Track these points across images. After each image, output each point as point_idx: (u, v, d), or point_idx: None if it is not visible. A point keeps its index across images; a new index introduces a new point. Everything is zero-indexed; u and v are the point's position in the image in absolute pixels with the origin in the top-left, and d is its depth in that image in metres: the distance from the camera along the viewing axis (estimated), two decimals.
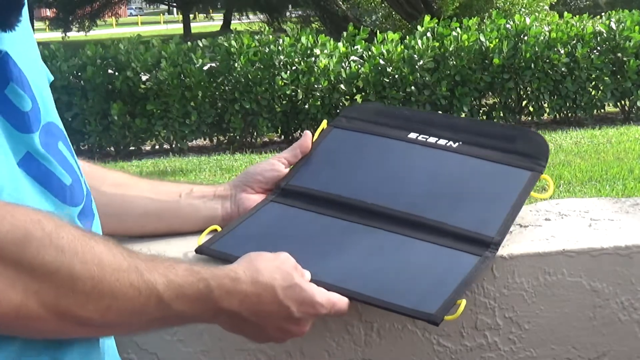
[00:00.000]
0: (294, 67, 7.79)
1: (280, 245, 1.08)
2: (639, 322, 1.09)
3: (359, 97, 7.90)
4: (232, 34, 8.14)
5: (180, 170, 6.82)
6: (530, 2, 12.70)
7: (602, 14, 8.78)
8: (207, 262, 1.06)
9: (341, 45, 8.00)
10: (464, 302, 0.95)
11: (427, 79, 7.85)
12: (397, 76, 7.82)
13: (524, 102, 8.33)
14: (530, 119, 8.35)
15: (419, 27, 8.15)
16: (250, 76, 7.68)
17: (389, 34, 8.14)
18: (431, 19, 8.33)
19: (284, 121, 8.01)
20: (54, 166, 0.85)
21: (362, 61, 7.97)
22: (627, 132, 7.49)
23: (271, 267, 0.91)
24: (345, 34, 8.20)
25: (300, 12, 21.57)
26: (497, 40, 7.93)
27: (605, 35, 8.10)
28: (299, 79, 7.72)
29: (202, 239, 1.09)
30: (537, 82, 7.97)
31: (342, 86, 7.81)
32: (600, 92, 8.12)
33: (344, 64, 7.87)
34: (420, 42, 7.89)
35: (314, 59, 7.81)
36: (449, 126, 1.23)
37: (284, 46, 7.83)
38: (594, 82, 8.14)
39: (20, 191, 0.79)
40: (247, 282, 0.87)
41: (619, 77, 8.12)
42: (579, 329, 1.09)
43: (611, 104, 8.47)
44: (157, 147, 8.14)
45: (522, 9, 12.36)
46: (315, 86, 7.75)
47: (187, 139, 7.93)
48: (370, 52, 7.92)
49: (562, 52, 7.93)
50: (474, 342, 1.08)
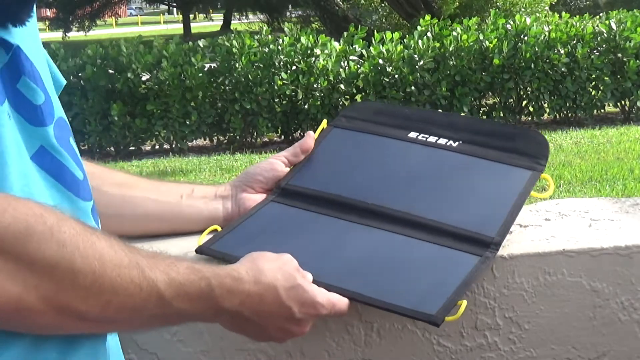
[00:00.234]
0: (294, 67, 7.79)
1: (280, 245, 1.08)
2: (639, 322, 1.09)
3: (358, 97, 7.89)
4: (233, 34, 8.14)
5: (180, 170, 6.81)
6: (530, 2, 12.68)
7: (601, 14, 8.77)
8: (208, 261, 1.06)
9: (337, 44, 7.99)
10: (464, 303, 0.95)
11: (427, 79, 7.85)
12: (397, 76, 7.82)
13: (524, 102, 8.32)
14: (530, 119, 8.35)
15: (418, 27, 8.14)
16: (250, 76, 7.68)
17: (388, 33, 8.13)
18: (431, 19, 8.32)
19: (284, 121, 8.01)
20: (67, 160, 0.84)
21: (361, 61, 7.97)
22: (627, 132, 7.49)
23: (274, 268, 0.91)
24: (345, 34, 8.19)
25: (300, 12, 21.56)
26: (496, 40, 7.92)
27: (605, 35, 8.09)
28: (298, 79, 7.72)
29: (202, 239, 1.09)
30: (537, 82, 7.97)
31: (342, 86, 7.80)
32: (600, 92, 8.11)
33: (343, 63, 7.87)
34: (420, 42, 7.89)
35: (313, 59, 7.81)
36: (449, 125, 1.22)
37: (284, 46, 7.83)
38: (594, 82, 8.13)
39: (32, 186, 0.79)
40: (250, 281, 0.87)
41: (619, 77, 8.12)
42: (579, 329, 1.09)
43: (611, 104, 8.46)
44: (157, 147, 8.13)
45: (522, 9, 12.35)
46: (315, 86, 7.75)
47: (187, 139, 7.93)
48: (369, 52, 7.92)
49: (562, 52, 7.93)
50: (474, 342, 1.08)
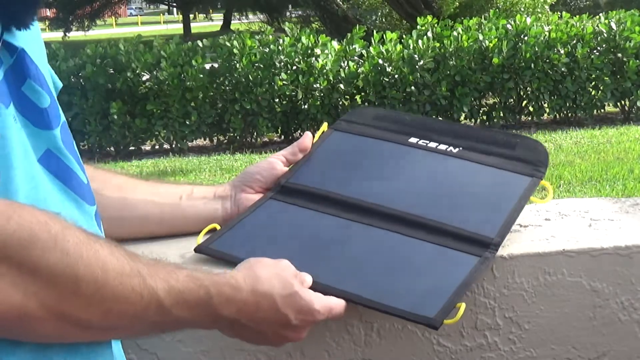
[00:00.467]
0: (294, 67, 7.79)
1: (279, 243, 1.08)
2: (639, 322, 1.09)
3: (358, 97, 7.90)
4: (234, 34, 8.13)
5: (180, 170, 6.81)
6: (530, 3, 12.68)
7: (601, 14, 8.77)
8: (208, 262, 1.06)
9: (337, 44, 7.99)
10: (463, 306, 0.95)
11: (427, 79, 7.85)
12: (396, 76, 7.82)
13: (524, 102, 8.32)
14: (530, 119, 8.35)
15: (419, 26, 8.14)
16: (250, 77, 7.68)
17: (388, 33, 8.13)
18: (432, 19, 8.31)
19: (284, 121, 8.01)
20: (73, 164, 0.85)
21: (361, 61, 7.96)
22: (627, 132, 7.49)
23: (271, 275, 0.91)
24: (349, 35, 8.18)
25: (300, 12, 21.55)
26: (496, 40, 7.92)
27: (605, 35, 8.09)
28: (298, 79, 7.72)
29: (201, 237, 1.10)
30: (537, 82, 7.97)
31: (342, 86, 7.80)
32: (600, 92, 8.11)
33: (342, 63, 7.87)
34: (420, 42, 7.88)
35: (314, 59, 7.81)
36: (449, 132, 1.23)
37: (284, 46, 7.83)
38: (594, 82, 8.13)
39: (40, 189, 0.79)
40: (247, 290, 0.87)
41: (619, 77, 8.12)
42: (579, 329, 1.09)
43: (611, 104, 8.46)
44: (157, 147, 8.13)
45: (522, 9, 12.34)
46: (314, 86, 7.75)
47: (187, 139, 7.93)
48: (368, 52, 7.92)
49: (562, 52, 7.93)
50: (474, 342, 1.08)
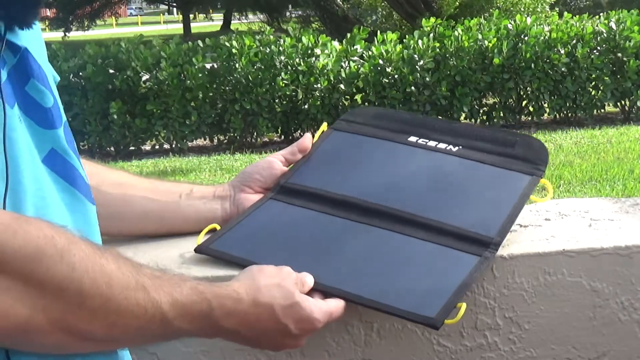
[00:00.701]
0: (294, 68, 7.78)
1: (279, 244, 1.08)
2: (639, 322, 1.09)
3: (358, 97, 7.89)
4: (234, 34, 8.13)
5: (180, 170, 6.81)
6: (530, 3, 12.68)
7: (601, 13, 8.77)
8: (208, 262, 1.06)
9: (338, 44, 7.99)
10: (464, 306, 0.94)
11: (427, 79, 7.85)
12: (397, 76, 7.82)
13: (524, 102, 8.32)
14: (530, 119, 8.35)
15: (423, 27, 8.13)
16: (250, 77, 7.68)
17: (388, 34, 8.13)
18: (435, 20, 8.31)
19: (284, 121, 8.00)
20: (76, 163, 0.85)
21: (361, 61, 7.96)
22: (627, 132, 7.48)
23: (272, 285, 0.91)
24: (349, 35, 8.18)
25: (300, 12, 21.55)
26: (497, 40, 7.92)
27: (605, 35, 8.09)
28: (299, 79, 7.72)
29: (201, 238, 1.09)
30: (537, 82, 7.97)
31: (342, 86, 7.80)
32: (600, 92, 8.11)
33: (343, 64, 7.87)
34: (420, 42, 7.88)
35: (314, 59, 7.81)
36: (449, 130, 1.23)
37: (285, 46, 7.83)
38: (594, 82, 8.13)
39: (45, 190, 0.79)
40: (248, 302, 0.88)
41: (619, 77, 8.11)
42: (579, 329, 1.09)
43: (611, 104, 8.46)
44: (157, 147, 8.14)
45: (522, 9, 12.34)
46: (315, 86, 7.75)
47: (187, 139, 7.93)
48: (370, 52, 7.92)
49: (562, 52, 7.93)
50: (474, 342, 1.08)
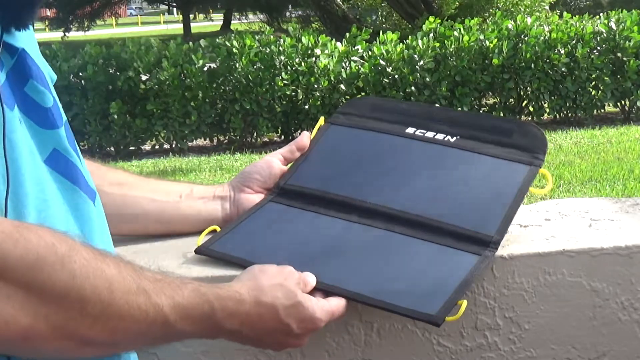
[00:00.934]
0: (294, 68, 7.79)
1: (279, 245, 1.08)
2: (639, 322, 1.09)
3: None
4: (234, 34, 8.13)
5: (180, 170, 6.81)
6: (531, 4, 12.67)
7: (601, 13, 8.77)
8: (208, 263, 1.06)
9: (340, 45, 8.00)
10: (465, 303, 0.94)
11: (427, 79, 7.85)
12: (397, 76, 7.82)
13: (524, 102, 8.32)
14: (530, 119, 8.34)
15: (423, 27, 8.13)
16: (250, 77, 7.68)
17: (388, 34, 8.13)
18: (434, 20, 8.31)
19: (284, 121, 8.00)
20: (78, 162, 0.85)
21: (362, 61, 7.97)
22: (627, 132, 7.48)
23: (274, 285, 0.91)
24: (348, 35, 8.18)
25: (300, 12, 21.54)
26: (497, 40, 7.92)
27: (605, 35, 8.09)
28: (299, 79, 7.72)
29: (201, 239, 1.09)
30: (537, 82, 7.96)
31: (342, 86, 7.80)
32: (600, 92, 8.11)
33: (344, 64, 7.87)
34: (420, 42, 7.88)
35: (314, 59, 7.81)
36: (446, 120, 1.22)
37: (285, 46, 7.83)
38: (594, 82, 8.12)
39: (47, 192, 0.79)
40: (250, 302, 0.88)
41: (619, 77, 8.11)
42: (579, 329, 1.09)
43: (611, 104, 8.46)
44: (157, 147, 8.13)
45: (522, 9, 12.34)
46: (315, 86, 7.75)
47: (187, 139, 7.93)
48: (370, 53, 7.92)
49: (562, 52, 7.92)
50: (474, 342, 1.08)
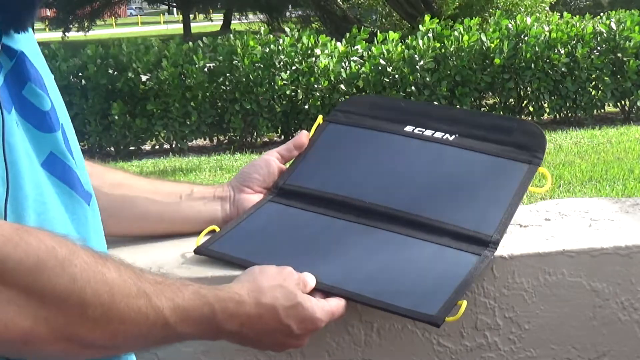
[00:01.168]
0: (294, 67, 7.78)
1: (279, 245, 1.08)
2: (639, 322, 1.09)
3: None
4: (235, 34, 8.12)
5: (180, 170, 6.81)
6: (531, 4, 12.66)
7: (602, 14, 8.77)
8: (207, 263, 1.06)
9: (340, 45, 8.00)
10: (464, 303, 0.94)
11: (428, 79, 7.85)
12: (397, 76, 7.82)
13: (524, 102, 8.33)
14: (530, 118, 8.35)
15: (421, 27, 8.13)
16: (251, 76, 7.68)
17: (390, 33, 8.13)
18: (431, 19, 8.31)
19: (284, 121, 8.00)
20: (75, 166, 0.85)
21: (362, 61, 7.97)
22: (627, 132, 7.48)
23: (274, 286, 0.91)
24: (348, 35, 8.18)
25: (300, 12, 21.53)
26: (497, 40, 7.92)
27: (605, 35, 8.09)
28: (299, 79, 7.72)
29: (200, 239, 1.09)
30: (537, 82, 7.97)
31: (342, 86, 7.80)
32: (600, 92, 8.11)
33: (344, 64, 7.87)
34: (421, 42, 7.88)
35: (314, 59, 7.81)
36: (445, 118, 1.22)
37: (285, 46, 7.83)
38: (594, 82, 8.13)
39: (45, 195, 0.79)
40: (251, 303, 0.88)
41: (619, 77, 8.12)
42: (579, 329, 1.08)
43: (611, 104, 8.46)
44: (157, 147, 8.14)
45: (522, 10, 12.33)
46: (315, 86, 7.75)
47: (187, 139, 7.93)
48: (370, 53, 7.92)
49: (562, 52, 7.93)
50: (474, 342, 1.08)
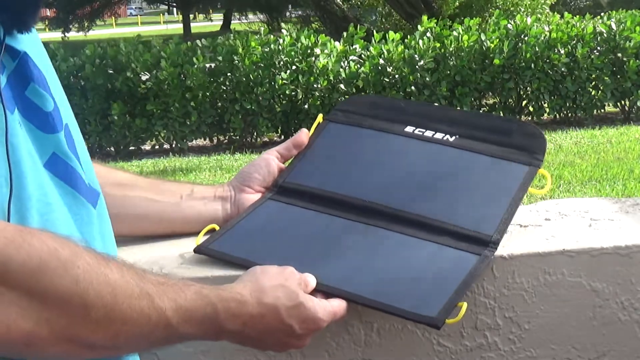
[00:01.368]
0: (294, 67, 7.79)
1: (278, 244, 1.07)
2: (639, 322, 1.09)
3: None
4: (236, 35, 8.11)
5: (180, 170, 6.81)
6: (531, 4, 12.66)
7: (602, 14, 8.77)
8: (207, 262, 1.06)
9: (339, 44, 8.00)
10: (465, 305, 0.94)
11: (427, 79, 7.85)
12: (397, 76, 7.82)
13: (524, 102, 8.33)
14: (530, 119, 8.35)
15: (419, 27, 8.13)
16: (251, 76, 7.68)
17: (390, 33, 8.13)
18: (429, 19, 8.31)
19: (284, 121, 8.00)
20: (78, 166, 0.85)
21: (361, 61, 7.96)
22: (627, 132, 7.48)
23: (275, 286, 0.91)
24: (345, 34, 8.19)
25: (300, 12, 21.53)
26: (497, 40, 7.93)
27: (605, 35, 8.09)
28: (298, 79, 7.72)
29: (200, 238, 1.09)
30: (537, 82, 7.97)
31: (342, 86, 7.80)
32: (600, 92, 8.11)
33: (343, 63, 7.87)
34: (420, 42, 7.88)
35: (313, 58, 7.81)
36: (445, 119, 1.21)
37: (284, 46, 7.83)
38: (594, 82, 8.13)
39: (49, 196, 0.79)
40: (253, 303, 0.88)
41: (619, 77, 8.12)
42: (579, 329, 1.09)
43: (611, 104, 8.46)
44: (157, 147, 8.14)
45: (522, 10, 12.33)
46: (314, 86, 7.75)
47: (187, 139, 7.93)
48: (368, 52, 7.92)
49: (562, 52, 7.93)
50: (474, 342, 1.08)
